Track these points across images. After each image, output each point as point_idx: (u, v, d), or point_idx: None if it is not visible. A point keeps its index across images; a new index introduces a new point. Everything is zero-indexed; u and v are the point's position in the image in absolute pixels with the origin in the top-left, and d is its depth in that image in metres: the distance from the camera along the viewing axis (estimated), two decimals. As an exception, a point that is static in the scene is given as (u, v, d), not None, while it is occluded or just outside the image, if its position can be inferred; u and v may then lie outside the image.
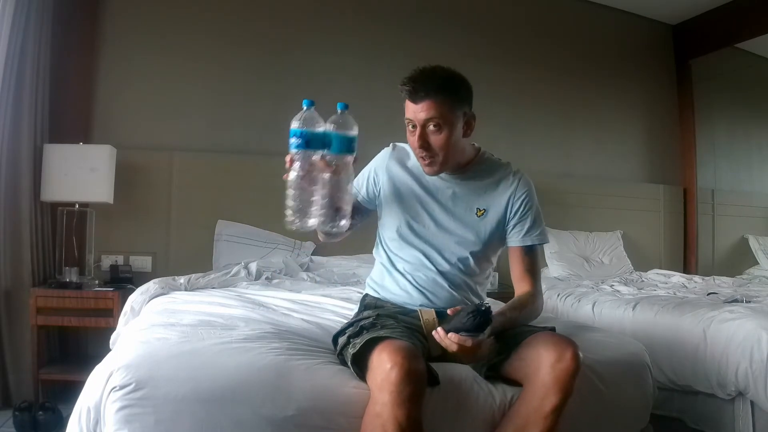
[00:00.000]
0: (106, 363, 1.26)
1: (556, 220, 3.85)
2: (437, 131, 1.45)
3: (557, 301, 3.13)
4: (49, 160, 2.70)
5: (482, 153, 1.62)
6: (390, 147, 1.67)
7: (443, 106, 1.43)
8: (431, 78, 1.44)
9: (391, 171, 1.62)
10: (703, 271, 4.29)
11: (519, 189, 1.56)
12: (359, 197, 1.65)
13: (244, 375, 1.25)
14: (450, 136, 1.46)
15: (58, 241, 2.84)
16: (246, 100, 3.34)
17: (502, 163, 1.63)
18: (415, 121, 1.45)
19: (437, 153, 1.48)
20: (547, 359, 1.24)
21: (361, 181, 1.67)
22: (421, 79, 1.43)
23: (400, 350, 1.19)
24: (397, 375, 1.15)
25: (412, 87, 1.43)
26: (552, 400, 1.22)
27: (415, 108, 1.44)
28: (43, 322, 2.57)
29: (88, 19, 3.04)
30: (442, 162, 1.49)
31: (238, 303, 2.00)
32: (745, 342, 2.09)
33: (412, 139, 1.49)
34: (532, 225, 1.56)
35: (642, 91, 4.54)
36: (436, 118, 1.43)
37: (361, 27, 3.60)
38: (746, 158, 4.98)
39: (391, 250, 1.61)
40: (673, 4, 4.32)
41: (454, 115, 1.45)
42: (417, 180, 1.60)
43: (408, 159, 1.63)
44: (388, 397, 1.15)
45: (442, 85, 1.44)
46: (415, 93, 1.43)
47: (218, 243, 3.05)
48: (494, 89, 3.95)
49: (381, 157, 1.67)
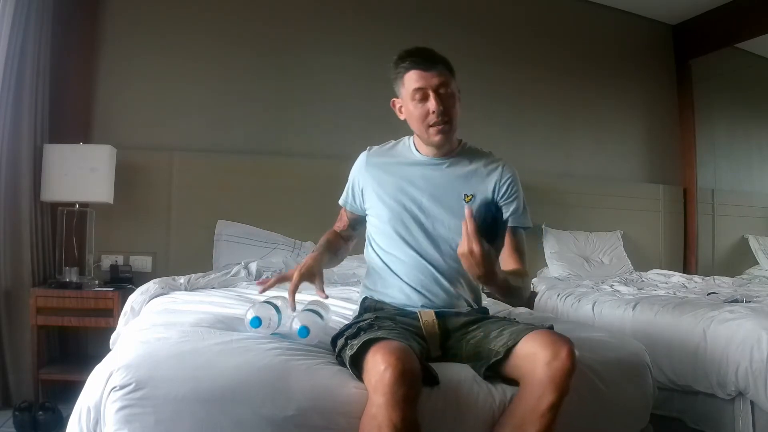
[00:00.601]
0: (106, 363, 1.26)
1: (556, 220, 3.86)
2: (450, 97, 1.53)
3: (557, 301, 3.13)
4: (49, 160, 2.70)
5: (464, 142, 1.68)
6: (366, 151, 1.71)
7: (448, 74, 1.53)
8: (430, 49, 1.53)
9: (373, 173, 1.66)
10: (703, 271, 4.30)
11: (504, 174, 1.63)
12: (353, 209, 1.73)
13: (244, 375, 1.25)
14: (456, 103, 1.54)
15: (58, 241, 2.84)
16: (246, 100, 3.34)
17: (485, 151, 1.69)
18: (429, 87, 1.51)
19: (452, 118, 1.54)
20: (543, 358, 1.23)
21: (349, 194, 1.73)
22: (427, 50, 1.52)
23: (394, 351, 1.19)
24: (390, 376, 1.15)
25: (422, 56, 1.50)
26: (548, 399, 1.22)
27: (426, 75, 1.50)
28: (43, 322, 2.57)
29: (88, 19, 3.04)
30: (452, 129, 1.56)
31: (238, 303, 2.00)
32: (745, 342, 2.09)
33: (421, 109, 1.53)
34: (518, 208, 1.63)
35: (642, 91, 4.54)
36: (447, 81, 1.52)
37: (361, 27, 3.61)
38: (746, 158, 4.98)
39: (385, 251, 1.62)
40: (673, 4, 4.32)
41: (454, 84, 1.55)
42: (401, 176, 1.63)
43: (387, 157, 1.67)
44: (382, 399, 1.15)
45: (443, 58, 1.53)
46: (425, 61, 1.50)
47: (218, 243, 3.05)
48: (494, 89, 3.96)
49: (360, 164, 1.71)
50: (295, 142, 3.42)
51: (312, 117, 3.44)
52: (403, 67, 1.53)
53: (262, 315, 1.48)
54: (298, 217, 3.19)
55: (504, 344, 1.33)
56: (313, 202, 3.03)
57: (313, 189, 3.20)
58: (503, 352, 1.32)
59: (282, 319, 1.56)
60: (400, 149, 1.69)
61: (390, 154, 1.68)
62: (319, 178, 3.14)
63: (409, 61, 1.52)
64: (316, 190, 3.08)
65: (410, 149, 1.66)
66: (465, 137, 1.71)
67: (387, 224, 1.61)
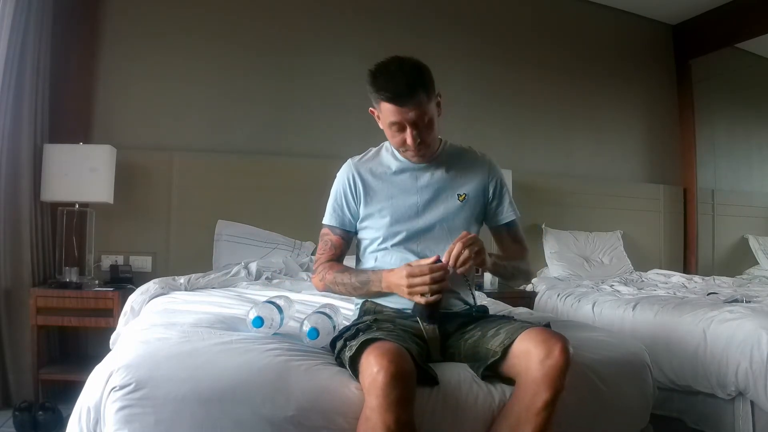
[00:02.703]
0: (106, 363, 1.26)
1: (556, 220, 3.86)
2: (427, 125, 1.50)
3: (557, 301, 3.13)
4: (49, 160, 2.70)
5: (445, 141, 1.68)
6: (349, 161, 1.67)
7: (425, 99, 1.47)
8: (406, 76, 1.45)
9: (363, 180, 1.62)
10: (703, 271, 4.30)
11: (492, 172, 1.66)
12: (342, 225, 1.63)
13: (244, 375, 1.25)
14: (435, 124, 1.53)
15: (58, 241, 2.84)
16: (246, 100, 3.34)
17: (465, 148, 1.70)
18: (405, 122, 1.48)
19: (429, 144, 1.54)
20: (537, 356, 1.23)
21: (338, 211, 1.63)
22: (399, 82, 1.44)
23: (387, 353, 1.19)
24: (383, 378, 1.15)
25: (394, 92, 1.45)
26: (543, 397, 1.21)
27: (402, 110, 1.46)
28: (43, 322, 2.57)
29: (88, 19, 3.04)
30: (429, 149, 1.56)
31: (238, 303, 2.00)
32: (745, 342, 2.09)
33: (398, 138, 1.52)
34: (509, 201, 1.68)
35: (642, 91, 4.54)
36: (424, 114, 1.48)
37: (361, 27, 3.61)
38: (746, 158, 4.98)
39: (380, 257, 1.59)
40: (673, 4, 4.32)
41: (432, 103, 1.51)
42: (392, 182, 1.61)
43: (373, 165, 1.64)
44: (376, 401, 1.15)
45: (417, 81, 1.46)
46: (399, 97, 1.45)
47: (218, 243, 3.05)
48: (494, 89, 3.96)
49: (347, 173, 1.64)
50: (295, 142, 3.42)
51: (312, 117, 3.44)
52: (379, 96, 1.48)
53: (264, 315, 1.48)
54: (298, 217, 3.18)
55: (501, 343, 1.33)
56: (314, 202, 3.00)
57: (313, 189, 3.16)
58: (500, 351, 1.32)
59: (284, 319, 1.56)
60: (384, 156, 1.66)
61: (376, 162, 1.65)
62: (319, 178, 3.09)
63: (384, 95, 1.46)
64: (316, 190, 3.03)
65: (394, 155, 1.64)
66: (465, 137, 1.72)
67: (382, 230, 1.59)
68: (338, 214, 1.64)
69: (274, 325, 1.50)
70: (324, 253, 1.63)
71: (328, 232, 1.65)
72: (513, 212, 1.68)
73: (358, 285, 1.52)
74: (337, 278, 1.55)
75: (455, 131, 1.68)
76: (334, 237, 1.64)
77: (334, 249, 1.63)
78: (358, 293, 1.55)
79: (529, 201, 1.61)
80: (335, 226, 1.64)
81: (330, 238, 1.64)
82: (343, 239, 1.64)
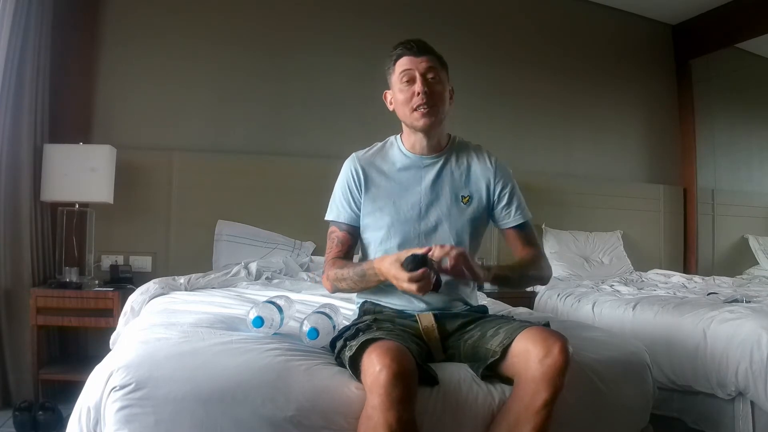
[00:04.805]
0: (106, 363, 1.26)
1: (556, 220, 3.86)
2: (437, 82, 1.55)
3: (557, 301, 3.13)
4: (49, 160, 2.70)
5: (454, 137, 1.69)
6: (351, 157, 1.66)
7: (437, 63, 1.57)
8: (426, 43, 1.58)
9: (367, 176, 1.61)
10: (703, 271, 4.30)
11: (498, 174, 1.64)
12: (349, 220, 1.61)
13: (244, 375, 1.25)
14: (444, 92, 1.57)
15: (58, 241, 2.84)
16: (246, 100, 3.35)
17: (474, 145, 1.70)
18: (417, 70, 1.54)
19: (436, 102, 1.55)
20: (535, 355, 1.23)
21: (344, 205, 1.62)
22: (421, 41, 1.58)
23: (389, 352, 1.19)
24: (385, 377, 1.15)
25: (412, 44, 1.56)
26: (542, 396, 1.21)
27: (415, 60, 1.55)
28: (43, 322, 2.57)
29: (88, 20, 3.04)
30: (438, 114, 1.56)
31: (238, 303, 2.00)
32: (745, 342, 2.09)
33: (407, 93, 1.55)
34: (519, 204, 1.66)
35: (642, 91, 4.54)
36: (436, 69, 1.56)
37: (361, 27, 3.61)
38: (746, 158, 4.98)
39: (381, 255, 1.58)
40: (673, 4, 4.33)
41: (446, 77, 1.59)
42: (396, 180, 1.61)
43: (377, 160, 1.64)
44: (378, 399, 1.15)
45: (431, 48, 1.59)
46: (416, 48, 1.56)
47: (218, 243, 3.05)
48: (494, 89, 3.96)
49: (351, 168, 1.63)
50: (295, 142, 3.42)
51: (312, 117, 3.44)
52: (396, 54, 1.58)
53: (264, 315, 1.48)
54: (298, 217, 3.19)
55: (500, 343, 1.33)
56: (313, 202, 3.01)
57: (313, 189, 3.16)
58: (500, 351, 1.31)
59: (284, 319, 1.55)
60: (389, 151, 1.65)
61: (380, 157, 1.64)
62: (319, 178, 3.10)
63: (401, 48, 1.57)
64: (316, 190, 3.05)
65: (399, 149, 1.64)
66: (465, 137, 1.71)
67: (383, 229, 1.58)
68: (344, 209, 1.62)
69: (274, 325, 1.50)
70: (331, 251, 1.61)
71: (335, 229, 1.63)
72: (522, 215, 1.65)
73: (357, 278, 1.50)
74: (338, 274, 1.53)
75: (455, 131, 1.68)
76: (340, 233, 1.62)
77: (341, 245, 1.61)
78: (360, 287, 1.52)
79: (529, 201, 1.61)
80: (341, 221, 1.62)
81: (337, 235, 1.62)
82: (349, 234, 1.62)
